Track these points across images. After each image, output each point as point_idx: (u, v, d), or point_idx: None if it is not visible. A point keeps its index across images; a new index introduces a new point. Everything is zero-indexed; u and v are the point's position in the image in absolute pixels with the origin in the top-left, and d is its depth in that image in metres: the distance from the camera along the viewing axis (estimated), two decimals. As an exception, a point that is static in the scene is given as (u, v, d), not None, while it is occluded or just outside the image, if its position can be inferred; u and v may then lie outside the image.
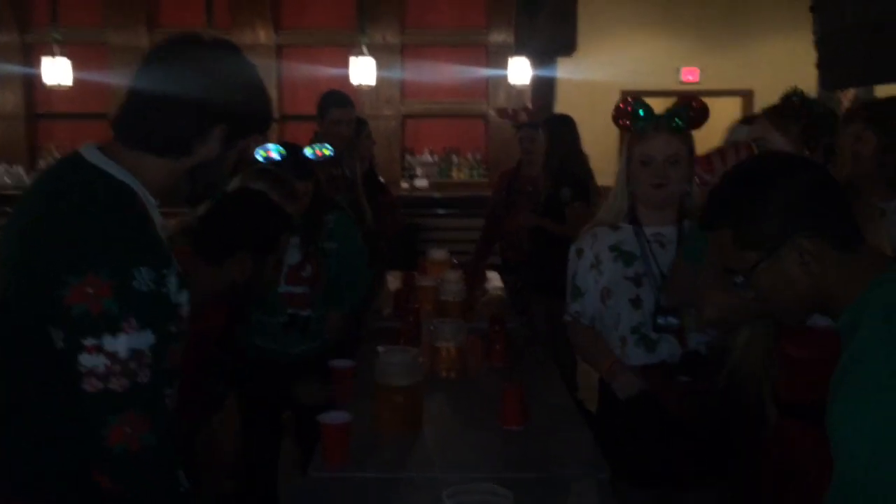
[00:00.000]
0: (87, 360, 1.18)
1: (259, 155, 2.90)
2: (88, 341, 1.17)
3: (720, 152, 1.78)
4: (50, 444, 1.27)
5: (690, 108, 2.15)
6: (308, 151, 3.23)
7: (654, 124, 2.14)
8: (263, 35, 8.18)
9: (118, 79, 1.76)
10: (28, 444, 1.29)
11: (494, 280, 4.44)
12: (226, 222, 2.02)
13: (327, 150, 3.37)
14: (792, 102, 1.91)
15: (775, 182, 1.25)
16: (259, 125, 1.43)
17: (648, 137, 2.14)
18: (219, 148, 1.36)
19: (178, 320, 1.33)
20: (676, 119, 2.13)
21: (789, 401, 1.92)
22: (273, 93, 8.07)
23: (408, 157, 8.42)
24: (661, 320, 2.12)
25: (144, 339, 1.20)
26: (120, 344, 1.18)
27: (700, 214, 1.39)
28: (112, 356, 1.18)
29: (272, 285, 2.24)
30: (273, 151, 2.89)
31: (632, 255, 2.18)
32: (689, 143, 2.17)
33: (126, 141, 1.33)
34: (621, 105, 2.21)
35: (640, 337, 2.15)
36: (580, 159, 4.35)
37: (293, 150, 2.99)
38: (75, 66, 7.31)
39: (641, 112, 2.15)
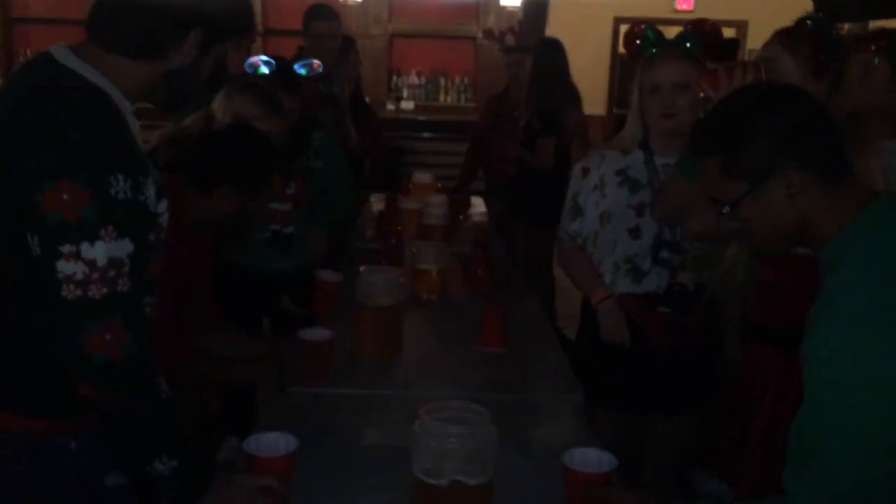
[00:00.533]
0: (64, 266, 1.16)
1: (248, 67, 2.84)
2: (66, 248, 1.16)
3: (727, 69, 1.75)
4: (32, 353, 1.27)
5: (703, 32, 2.08)
6: (299, 66, 3.16)
7: (664, 50, 2.07)
8: (248, -56, 7.88)
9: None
10: (9, 354, 1.29)
11: (478, 206, 4.43)
12: (218, 152, 2.00)
13: (318, 66, 3.30)
14: (806, 26, 1.87)
15: (767, 112, 1.25)
16: (237, 29, 1.39)
17: (657, 64, 2.07)
18: (195, 52, 1.32)
19: (158, 230, 1.31)
20: (686, 43, 2.06)
21: (760, 323, 1.96)
22: (257, 6, 7.83)
23: (394, 78, 8.28)
24: (664, 254, 2.11)
25: (123, 248, 1.19)
26: (98, 251, 1.17)
27: (691, 139, 1.38)
28: (90, 263, 1.16)
29: (256, 222, 2.25)
30: (262, 64, 2.84)
31: (638, 182, 2.15)
32: (702, 65, 2.07)
33: (99, 42, 1.28)
34: (631, 30, 2.15)
35: (631, 267, 2.15)
36: (563, 87, 4.28)
37: (282, 64, 2.93)
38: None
39: (650, 34, 2.08)
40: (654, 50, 2.08)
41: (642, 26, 2.13)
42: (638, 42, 2.11)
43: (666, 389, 2.17)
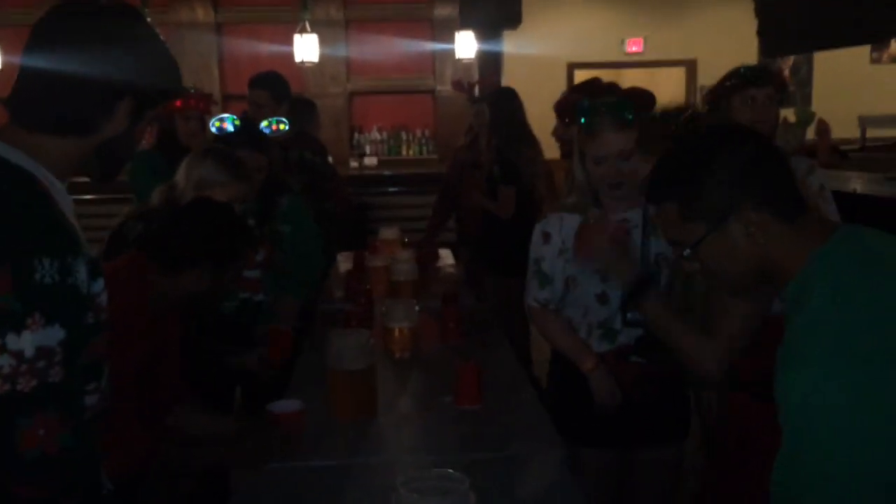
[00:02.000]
0: None
1: (213, 126, 2.84)
2: None
3: None
4: None
5: (636, 99, 2.11)
6: (264, 125, 3.17)
7: (602, 121, 2.07)
8: (202, 13, 7.97)
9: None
10: None
11: (447, 258, 4.43)
12: (186, 233, 1.96)
13: (283, 125, 3.33)
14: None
15: (718, 154, 1.26)
16: (167, 95, 1.34)
17: (598, 136, 2.06)
18: (127, 122, 1.27)
19: (96, 310, 1.24)
20: (625, 112, 2.06)
21: (739, 373, 1.95)
22: (214, 72, 7.90)
23: (356, 136, 8.33)
24: (630, 316, 2.10)
25: (52, 336, 1.11)
26: (25, 342, 1.09)
27: (644, 187, 1.39)
28: (17, 355, 1.09)
29: (226, 296, 2.19)
30: (227, 123, 2.84)
31: None
32: (638, 129, 2.08)
33: (22, 122, 1.22)
34: (564, 100, 2.17)
35: (604, 331, 2.16)
36: (521, 135, 4.32)
37: (248, 122, 2.95)
38: (5, 50, 7.02)
39: (585, 106, 2.07)
40: (588, 122, 2.09)
41: (574, 98, 2.14)
42: (578, 118, 2.12)
43: (644, 421, 2.16)
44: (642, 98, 2.14)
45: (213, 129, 2.86)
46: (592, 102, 2.11)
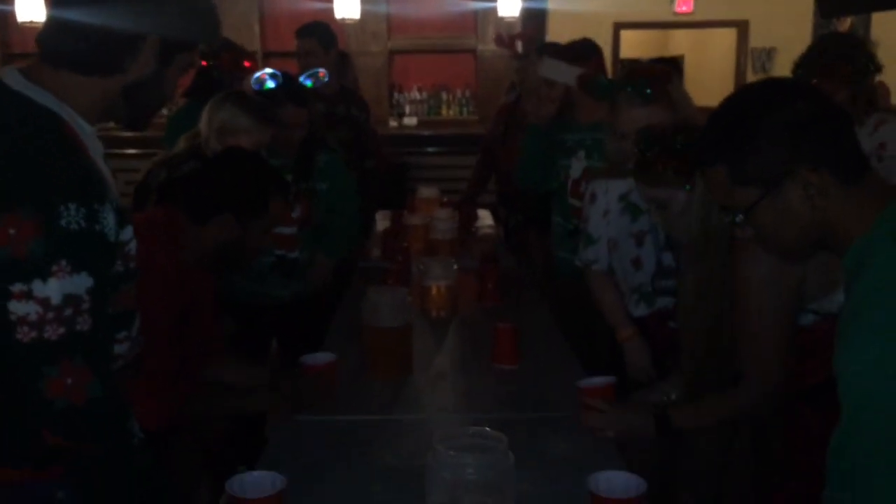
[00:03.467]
0: (16, 307, 1.06)
1: (254, 83, 2.81)
2: (16, 287, 1.06)
3: None
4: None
5: (649, 78, 2.08)
6: (304, 78, 3.13)
7: (620, 97, 2.07)
8: (243, -32, 7.90)
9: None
10: None
11: (486, 218, 4.37)
12: (211, 180, 1.94)
13: (322, 74, 3.28)
14: None
15: (772, 111, 1.14)
16: (198, 36, 1.29)
17: (619, 110, 2.07)
18: (154, 64, 1.22)
19: (125, 259, 1.22)
20: (645, 89, 2.04)
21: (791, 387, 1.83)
22: (255, 29, 7.85)
23: (396, 95, 8.25)
24: (663, 283, 2.09)
25: (80, 283, 1.09)
26: (51, 289, 1.07)
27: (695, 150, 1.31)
28: (44, 302, 1.07)
29: (259, 252, 2.15)
30: (268, 78, 2.80)
31: (638, 208, 2.13)
32: (667, 102, 2.07)
33: (50, 60, 1.19)
34: (584, 76, 2.17)
35: (640, 296, 2.14)
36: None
37: (288, 77, 2.89)
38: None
39: (602, 82, 2.12)
40: (603, 96, 2.10)
41: (592, 75, 2.16)
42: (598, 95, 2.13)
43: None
44: (655, 76, 2.10)
45: (255, 86, 2.82)
46: (610, 80, 2.11)
